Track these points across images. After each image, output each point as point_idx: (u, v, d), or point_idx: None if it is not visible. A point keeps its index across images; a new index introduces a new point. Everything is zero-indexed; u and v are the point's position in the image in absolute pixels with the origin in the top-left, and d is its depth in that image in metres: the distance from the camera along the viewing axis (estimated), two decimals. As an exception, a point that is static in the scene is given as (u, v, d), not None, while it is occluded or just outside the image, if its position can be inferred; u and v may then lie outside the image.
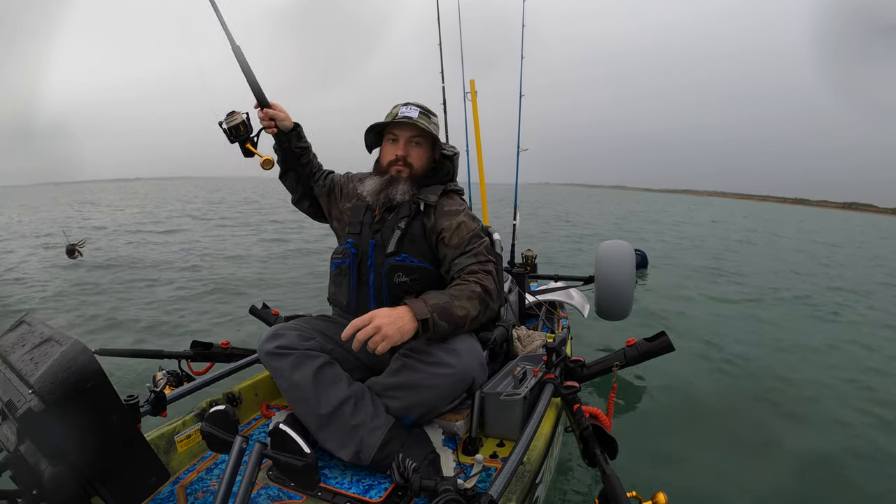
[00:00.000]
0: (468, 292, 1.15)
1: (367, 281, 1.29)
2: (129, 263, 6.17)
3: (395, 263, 1.25)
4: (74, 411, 0.73)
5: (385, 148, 1.36)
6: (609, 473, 1.03)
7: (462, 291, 1.15)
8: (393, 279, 1.25)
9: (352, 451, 1.09)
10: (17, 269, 5.85)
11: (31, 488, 0.73)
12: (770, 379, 2.78)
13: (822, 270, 7.24)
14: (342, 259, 1.33)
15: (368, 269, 1.29)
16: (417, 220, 1.30)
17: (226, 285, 4.96)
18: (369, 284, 1.29)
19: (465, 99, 3.11)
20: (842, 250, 11.03)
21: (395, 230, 1.28)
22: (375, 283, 1.28)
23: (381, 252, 1.28)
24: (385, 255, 1.27)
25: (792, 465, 1.89)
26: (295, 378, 1.12)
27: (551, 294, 2.78)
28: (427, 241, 1.29)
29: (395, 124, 1.32)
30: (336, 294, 1.36)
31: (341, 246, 1.35)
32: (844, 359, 3.16)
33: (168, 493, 1.06)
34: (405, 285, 1.25)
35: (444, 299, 1.12)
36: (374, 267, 1.29)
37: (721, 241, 10.90)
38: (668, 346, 1.33)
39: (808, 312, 4.42)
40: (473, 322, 1.17)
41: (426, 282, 1.26)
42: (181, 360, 1.80)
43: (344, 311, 1.35)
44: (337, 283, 1.35)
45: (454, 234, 1.27)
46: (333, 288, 1.37)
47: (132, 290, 4.80)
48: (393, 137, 1.34)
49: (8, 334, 0.90)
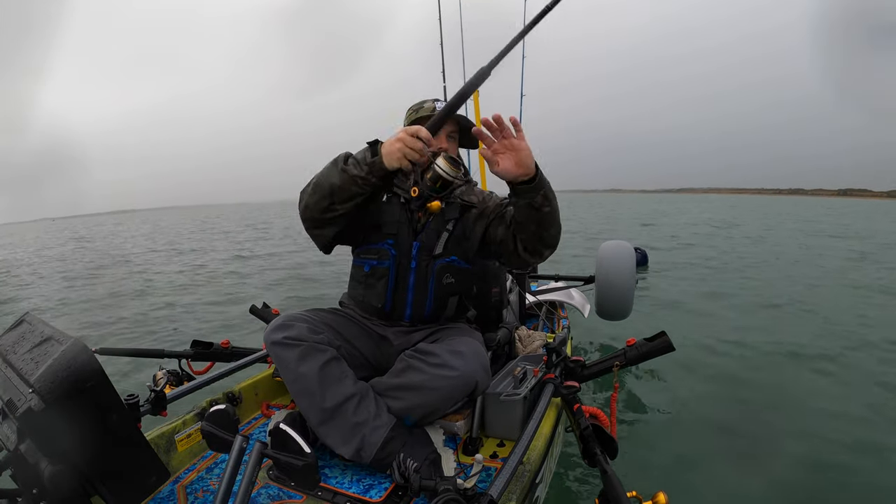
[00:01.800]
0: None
1: (407, 283, 1.27)
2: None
3: (444, 264, 1.26)
4: (74, 410, 0.73)
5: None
6: (609, 473, 1.03)
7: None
8: (442, 280, 1.26)
9: (353, 449, 1.09)
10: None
11: (31, 487, 0.73)
12: (771, 379, 2.78)
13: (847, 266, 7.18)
14: (378, 260, 1.27)
15: (409, 271, 1.27)
16: (461, 220, 1.31)
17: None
18: (408, 287, 1.27)
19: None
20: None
21: (444, 231, 1.28)
22: (416, 285, 1.27)
23: (425, 253, 1.26)
24: (432, 256, 1.25)
25: (792, 466, 1.88)
26: (301, 370, 1.11)
27: (552, 294, 2.79)
28: (468, 240, 1.30)
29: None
30: (367, 296, 1.31)
31: (375, 246, 1.27)
32: (848, 359, 3.16)
33: (168, 493, 1.06)
34: (452, 286, 1.26)
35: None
36: (416, 269, 1.27)
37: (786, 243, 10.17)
38: (669, 346, 1.33)
39: (809, 312, 4.42)
40: (557, 222, 1.11)
41: (469, 283, 1.30)
42: (181, 359, 1.81)
43: (375, 314, 1.32)
44: (368, 286, 1.29)
45: (488, 201, 1.31)
46: (362, 290, 1.32)
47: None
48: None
49: (8, 333, 0.90)
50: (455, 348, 1.14)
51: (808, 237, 11.44)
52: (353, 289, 1.37)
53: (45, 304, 5.59)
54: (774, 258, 7.75)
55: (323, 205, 1.13)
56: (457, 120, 1.30)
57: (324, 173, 1.14)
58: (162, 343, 3.62)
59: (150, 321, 4.47)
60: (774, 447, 1.99)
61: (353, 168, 1.08)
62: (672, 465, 1.88)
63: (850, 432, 2.14)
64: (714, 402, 2.48)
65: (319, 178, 1.14)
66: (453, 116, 1.27)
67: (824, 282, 5.72)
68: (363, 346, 1.28)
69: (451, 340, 1.20)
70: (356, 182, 1.08)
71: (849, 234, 12.57)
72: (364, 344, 1.28)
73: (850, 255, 8.15)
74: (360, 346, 1.27)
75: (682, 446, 2.04)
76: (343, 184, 1.09)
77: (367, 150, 1.09)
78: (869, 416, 2.29)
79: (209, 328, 4.15)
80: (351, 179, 1.08)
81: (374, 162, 1.06)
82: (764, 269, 6.69)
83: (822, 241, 10.53)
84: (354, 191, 1.09)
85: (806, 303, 4.59)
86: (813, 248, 9.07)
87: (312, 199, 1.14)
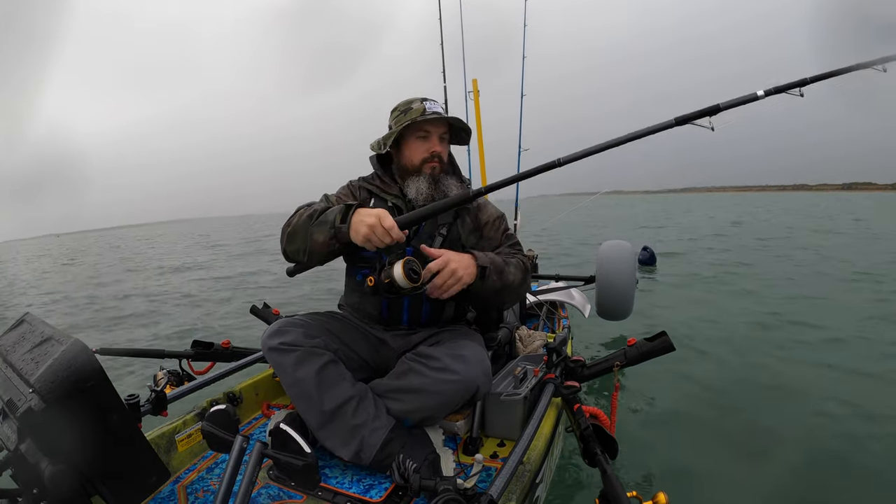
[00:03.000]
0: (515, 262, 1.25)
1: (384, 296, 1.24)
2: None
3: None
4: (75, 410, 0.73)
5: (414, 145, 1.29)
6: (609, 473, 1.03)
7: (510, 260, 1.25)
8: None
9: (352, 451, 1.09)
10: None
11: (31, 487, 0.73)
12: (772, 379, 2.78)
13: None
14: (371, 269, 1.23)
15: None
16: (455, 224, 1.31)
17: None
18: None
19: (466, 98, 3.10)
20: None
21: (437, 236, 1.28)
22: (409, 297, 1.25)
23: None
24: (426, 261, 1.23)
25: (793, 466, 1.88)
26: (298, 375, 1.11)
27: (552, 294, 2.78)
28: (464, 244, 1.31)
29: (427, 121, 1.26)
30: (363, 304, 1.32)
31: (368, 253, 1.20)
32: (852, 359, 3.15)
33: (168, 493, 1.06)
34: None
35: (500, 259, 1.21)
36: None
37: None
38: (669, 346, 1.32)
39: (811, 311, 4.41)
40: (515, 292, 1.25)
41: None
42: (182, 359, 1.81)
43: (373, 321, 1.32)
44: (362, 293, 1.30)
45: (492, 226, 1.36)
46: (357, 297, 1.33)
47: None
48: (423, 134, 1.28)
49: (8, 333, 0.90)
50: (457, 352, 1.14)
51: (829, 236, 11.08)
52: (348, 296, 1.38)
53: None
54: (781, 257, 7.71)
55: (300, 258, 1.21)
56: (448, 122, 1.30)
57: (298, 225, 1.18)
58: (162, 343, 3.62)
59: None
60: (775, 447, 1.99)
61: (318, 233, 1.13)
62: (672, 465, 1.88)
63: (851, 432, 2.13)
64: (714, 402, 2.47)
65: (294, 229, 1.18)
66: (446, 118, 1.27)
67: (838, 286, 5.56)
68: (361, 349, 1.27)
69: (452, 343, 1.20)
70: (322, 247, 1.15)
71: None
72: (362, 347, 1.28)
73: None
74: (357, 348, 1.27)
75: (683, 446, 2.03)
76: (312, 244, 1.16)
77: (339, 213, 1.12)
78: (869, 417, 2.29)
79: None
80: (318, 245, 1.15)
81: (340, 228, 1.10)
82: (768, 266, 6.68)
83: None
84: (324, 252, 1.17)
85: (813, 305, 4.56)
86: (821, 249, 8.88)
87: (290, 247, 1.21)
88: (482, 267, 1.15)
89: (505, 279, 1.20)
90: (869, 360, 3.04)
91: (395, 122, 1.30)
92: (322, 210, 1.16)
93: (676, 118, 1.15)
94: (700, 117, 1.13)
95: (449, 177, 1.32)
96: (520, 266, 1.26)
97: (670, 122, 1.15)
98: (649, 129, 1.16)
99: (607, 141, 1.17)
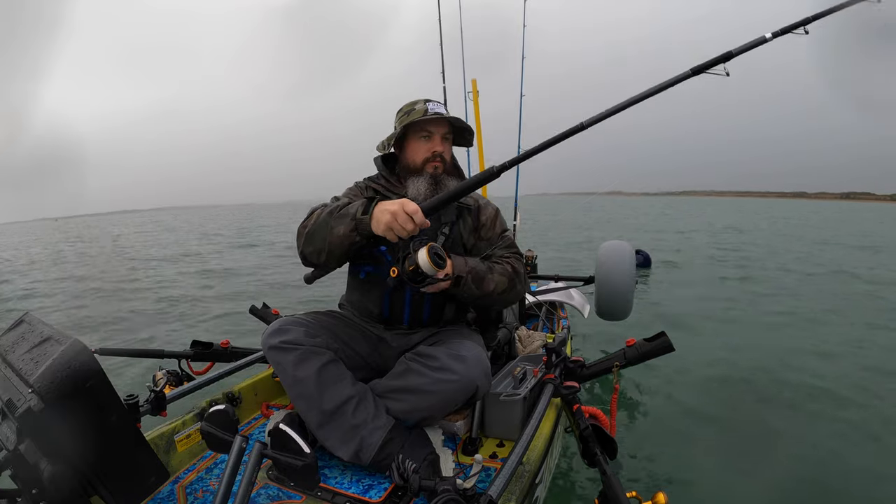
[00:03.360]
0: (501, 269, 1.25)
1: (404, 288, 1.26)
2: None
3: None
4: (74, 410, 0.73)
5: (416, 145, 1.30)
6: (609, 473, 1.03)
7: (496, 267, 1.24)
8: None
9: (351, 450, 1.09)
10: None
11: (30, 487, 0.73)
12: (773, 379, 2.78)
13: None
14: (374, 266, 1.27)
15: None
16: (457, 223, 1.31)
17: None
18: (405, 291, 1.27)
19: (465, 99, 3.10)
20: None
21: (439, 235, 1.28)
22: (413, 290, 1.25)
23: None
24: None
25: (792, 466, 1.88)
26: (298, 374, 1.11)
27: (552, 294, 2.78)
28: (464, 243, 1.32)
29: (429, 121, 1.27)
30: (363, 302, 1.32)
31: (369, 252, 1.23)
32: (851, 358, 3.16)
33: (168, 493, 1.06)
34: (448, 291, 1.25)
35: (482, 267, 1.21)
36: None
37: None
38: (668, 347, 1.32)
39: (812, 311, 4.42)
40: (498, 298, 1.25)
41: None
42: (181, 359, 1.81)
43: (374, 319, 1.33)
44: (364, 291, 1.31)
45: (490, 227, 1.36)
46: (358, 295, 1.34)
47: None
48: (426, 135, 1.29)
49: (8, 333, 0.90)
50: (456, 352, 1.13)
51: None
52: (350, 294, 1.38)
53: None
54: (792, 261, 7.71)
55: (318, 259, 1.19)
56: (451, 122, 1.30)
57: (318, 223, 1.17)
58: (162, 343, 3.62)
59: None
60: (774, 447, 1.99)
61: (339, 226, 1.12)
62: (672, 465, 1.88)
63: (851, 432, 2.13)
64: (714, 402, 2.48)
65: (313, 228, 1.18)
66: (447, 118, 1.27)
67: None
68: (361, 348, 1.27)
69: (452, 343, 1.19)
70: (343, 240, 1.13)
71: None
72: (362, 346, 1.28)
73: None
74: (358, 348, 1.27)
75: (682, 447, 2.04)
76: (331, 239, 1.14)
77: (361, 205, 1.12)
78: (869, 416, 2.29)
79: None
80: (338, 239, 1.13)
81: (362, 220, 1.10)
82: (772, 273, 6.69)
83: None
84: (344, 246, 1.14)
85: (813, 309, 4.56)
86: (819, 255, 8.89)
87: (308, 248, 1.20)
88: (457, 276, 1.15)
89: (484, 288, 1.20)
90: (869, 360, 3.05)
91: (398, 122, 1.32)
92: (343, 205, 1.16)
93: (692, 68, 1.17)
94: (715, 65, 1.16)
95: (451, 177, 1.32)
96: (505, 273, 1.24)
97: (687, 73, 1.18)
98: (667, 83, 1.18)
99: (627, 99, 1.19)
